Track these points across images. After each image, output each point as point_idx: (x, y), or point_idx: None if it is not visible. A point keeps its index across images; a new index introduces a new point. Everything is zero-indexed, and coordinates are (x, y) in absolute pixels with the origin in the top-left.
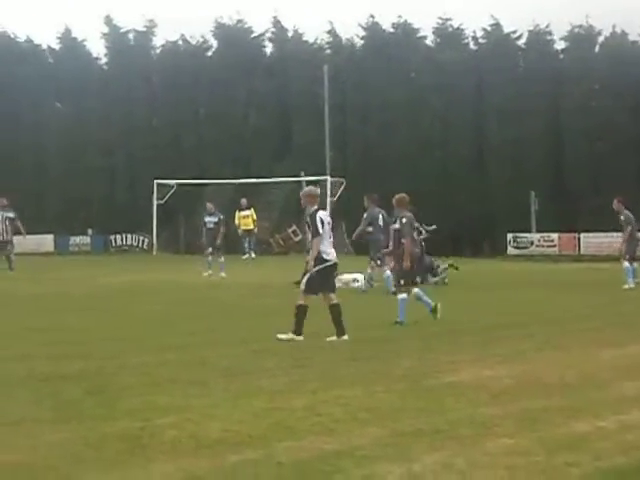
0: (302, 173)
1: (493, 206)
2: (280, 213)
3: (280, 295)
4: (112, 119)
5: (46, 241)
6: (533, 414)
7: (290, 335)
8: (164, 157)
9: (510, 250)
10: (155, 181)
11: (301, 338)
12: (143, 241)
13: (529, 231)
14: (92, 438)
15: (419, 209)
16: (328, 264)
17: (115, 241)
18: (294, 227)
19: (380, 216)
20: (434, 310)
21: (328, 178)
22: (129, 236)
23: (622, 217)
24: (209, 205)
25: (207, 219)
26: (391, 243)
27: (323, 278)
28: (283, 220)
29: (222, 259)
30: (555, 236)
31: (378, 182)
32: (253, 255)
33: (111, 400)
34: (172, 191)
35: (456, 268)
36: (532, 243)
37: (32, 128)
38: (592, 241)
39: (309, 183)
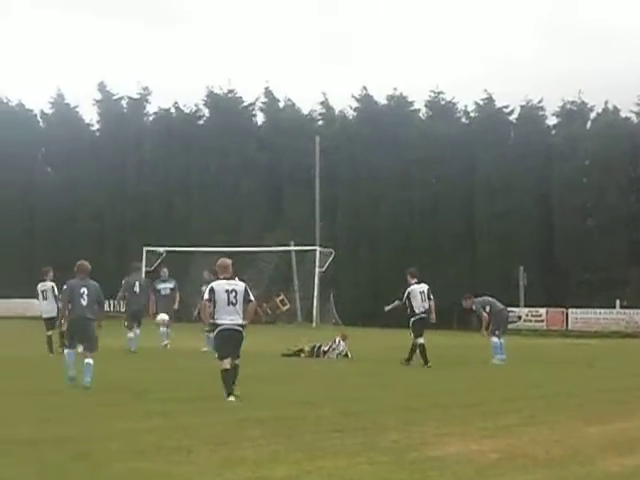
0: (292, 243)
1: (481, 279)
2: (269, 282)
3: (267, 364)
4: (103, 185)
5: (34, 305)
6: None
7: (226, 397)
8: (154, 223)
9: None
10: (144, 248)
11: (232, 399)
12: None
13: (517, 305)
14: None
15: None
16: (221, 328)
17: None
18: (282, 296)
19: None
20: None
21: (317, 248)
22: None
23: (474, 307)
24: (165, 270)
25: (161, 286)
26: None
27: (221, 342)
28: (271, 289)
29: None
30: (543, 311)
31: (368, 254)
32: None
33: (96, 466)
34: (161, 258)
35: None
36: (520, 318)
37: (22, 192)
38: (580, 317)
39: (298, 253)
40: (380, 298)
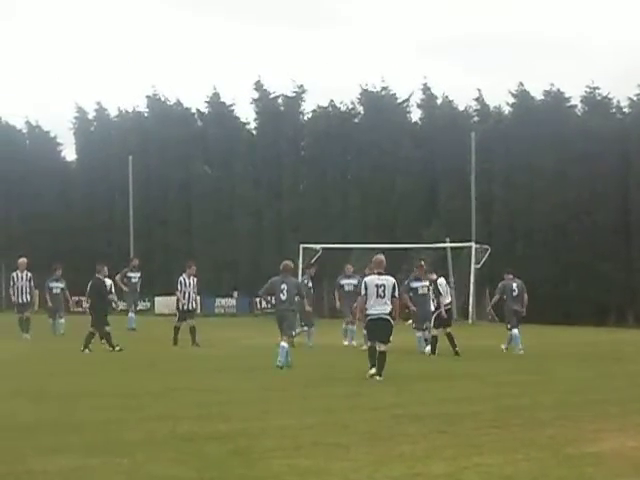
0: (447, 239)
1: (638, 275)
2: None
3: (421, 360)
4: (260, 183)
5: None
6: None
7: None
8: (310, 221)
9: None
10: (301, 245)
11: (372, 371)
12: None
13: None
14: None
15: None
16: (370, 318)
17: (260, 303)
18: None
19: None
20: None
21: (473, 245)
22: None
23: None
24: (349, 267)
25: (345, 281)
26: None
27: (370, 329)
28: None
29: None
30: None
31: (523, 250)
32: None
33: (254, 461)
34: (318, 255)
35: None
36: None
37: (180, 190)
38: None
39: (454, 249)
40: (536, 295)
